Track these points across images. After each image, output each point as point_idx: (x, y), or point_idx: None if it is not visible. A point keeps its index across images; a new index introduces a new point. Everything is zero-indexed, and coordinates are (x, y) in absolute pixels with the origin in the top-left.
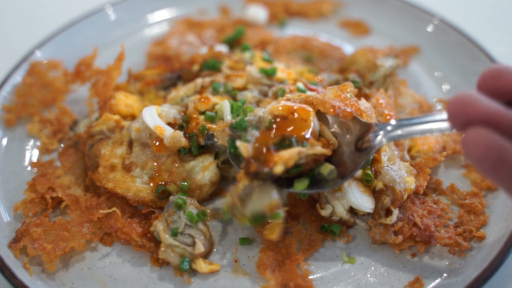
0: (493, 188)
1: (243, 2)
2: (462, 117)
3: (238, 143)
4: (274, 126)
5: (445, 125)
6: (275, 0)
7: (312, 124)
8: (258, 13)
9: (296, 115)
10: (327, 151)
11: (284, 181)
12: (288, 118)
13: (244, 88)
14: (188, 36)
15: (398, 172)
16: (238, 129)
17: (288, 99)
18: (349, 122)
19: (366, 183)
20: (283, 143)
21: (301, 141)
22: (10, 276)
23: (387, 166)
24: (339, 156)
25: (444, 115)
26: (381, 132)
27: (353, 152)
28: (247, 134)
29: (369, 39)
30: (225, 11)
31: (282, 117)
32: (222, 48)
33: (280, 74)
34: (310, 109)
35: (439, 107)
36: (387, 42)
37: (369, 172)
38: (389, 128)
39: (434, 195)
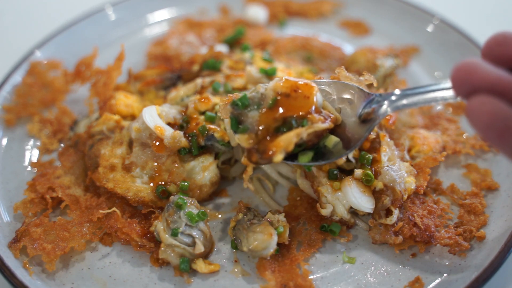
0: (493, 188)
1: (243, 2)
2: (466, 85)
3: (238, 136)
4: (277, 105)
5: (450, 93)
6: (275, 0)
7: (315, 100)
8: (258, 13)
9: (299, 91)
10: (329, 126)
11: (288, 155)
12: (291, 96)
13: (244, 88)
14: (188, 36)
15: (398, 172)
16: (240, 107)
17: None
18: (353, 94)
19: (366, 183)
20: (284, 125)
21: (301, 120)
22: (10, 276)
23: (387, 166)
24: (343, 129)
25: (448, 84)
26: (386, 102)
27: (358, 124)
28: (248, 117)
29: (369, 39)
30: (225, 11)
31: (285, 94)
32: (222, 48)
33: (280, 74)
34: (314, 84)
35: (439, 107)
36: (387, 42)
37: (369, 172)
38: (393, 98)
39: (434, 195)
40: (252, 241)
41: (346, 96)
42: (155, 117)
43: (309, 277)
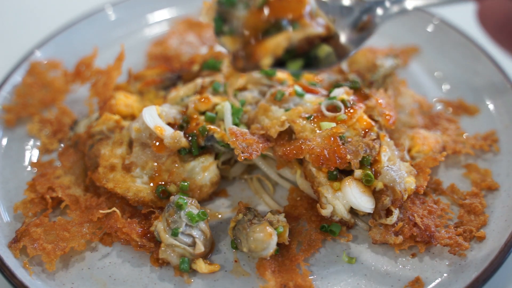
0: (493, 188)
1: None
2: None
3: (224, 38)
4: (267, 5)
5: None
6: None
7: (308, 5)
8: None
9: None
10: (321, 32)
11: (277, 62)
12: None
13: (244, 88)
14: (188, 36)
15: (398, 172)
16: (226, 5)
17: None
18: (349, 2)
19: (366, 183)
20: (273, 28)
21: (292, 23)
22: (10, 276)
23: (387, 166)
24: (336, 40)
25: None
26: (381, 10)
27: (353, 34)
28: (234, 17)
29: (369, 39)
30: None
31: None
32: (222, 48)
33: (280, 75)
34: None
35: (439, 107)
36: (387, 42)
37: (369, 172)
38: (387, 4)
39: (434, 195)
40: (252, 241)
41: (342, 4)
42: (155, 117)
43: (309, 277)
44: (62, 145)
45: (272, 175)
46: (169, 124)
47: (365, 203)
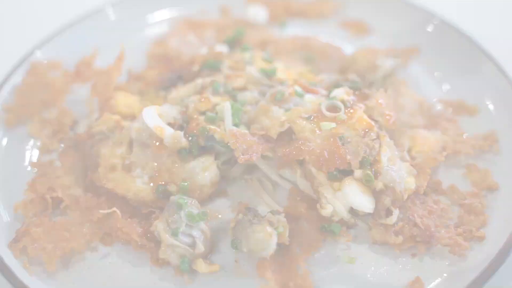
0: (493, 188)
1: (243, 2)
2: None
3: None
4: None
5: None
6: (275, 0)
7: None
8: (258, 13)
9: None
10: None
11: None
12: None
13: (244, 88)
14: (188, 36)
15: (398, 173)
16: None
17: None
18: None
19: (366, 183)
20: None
21: None
22: (10, 276)
23: (387, 166)
24: None
25: None
26: None
27: None
28: None
29: (369, 39)
30: (225, 11)
31: None
32: (222, 48)
33: (280, 75)
34: None
35: (439, 107)
36: (387, 42)
37: (369, 172)
38: None
39: (434, 195)
40: (252, 241)
41: None
42: (155, 117)
43: (309, 277)
44: (62, 145)
45: (272, 176)
46: (169, 124)
47: (365, 203)
